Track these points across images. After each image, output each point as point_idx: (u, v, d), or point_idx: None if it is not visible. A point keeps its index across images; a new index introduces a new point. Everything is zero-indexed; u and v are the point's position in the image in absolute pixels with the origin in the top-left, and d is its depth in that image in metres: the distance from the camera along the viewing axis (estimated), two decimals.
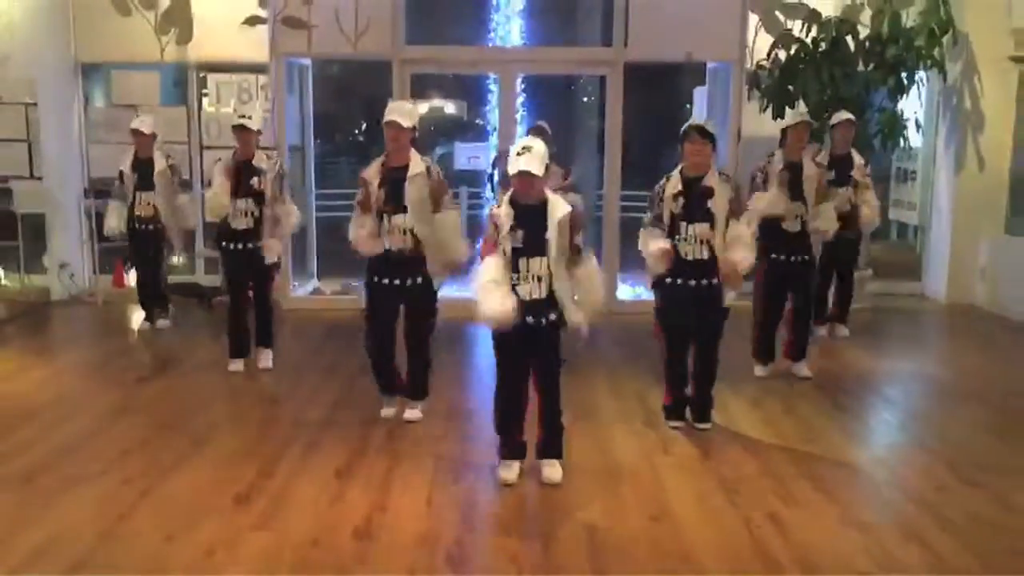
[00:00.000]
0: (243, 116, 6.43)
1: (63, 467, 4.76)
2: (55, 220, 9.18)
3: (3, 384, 6.32)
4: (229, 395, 6.17)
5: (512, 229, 4.40)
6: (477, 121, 19.57)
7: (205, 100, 9.45)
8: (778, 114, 8.70)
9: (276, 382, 6.44)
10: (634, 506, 4.38)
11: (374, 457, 4.93)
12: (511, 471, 4.62)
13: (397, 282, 5.30)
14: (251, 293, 6.64)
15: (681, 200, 5.19)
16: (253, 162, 6.42)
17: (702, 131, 5.18)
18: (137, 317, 8.15)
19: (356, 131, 27.56)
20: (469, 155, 9.55)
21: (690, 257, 5.20)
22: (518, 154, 4.35)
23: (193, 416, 5.64)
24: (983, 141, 9.14)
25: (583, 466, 4.83)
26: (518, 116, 9.15)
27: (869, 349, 7.52)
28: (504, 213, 4.45)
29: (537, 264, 4.42)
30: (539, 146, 4.41)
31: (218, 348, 6.94)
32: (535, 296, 4.44)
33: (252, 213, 6.42)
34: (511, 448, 4.67)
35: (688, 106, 12.27)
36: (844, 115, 7.56)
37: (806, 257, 6.46)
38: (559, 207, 4.44)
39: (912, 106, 9.24)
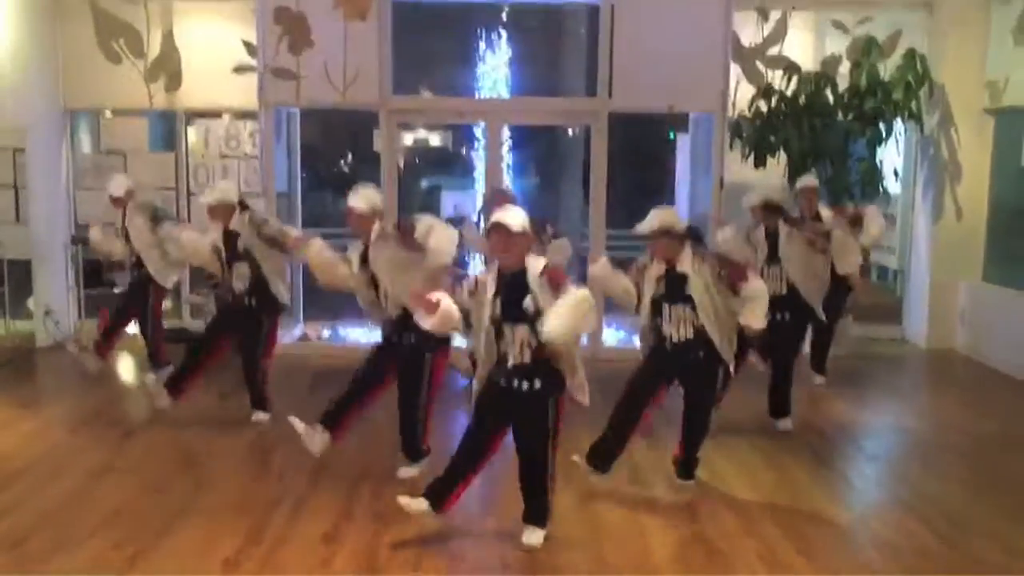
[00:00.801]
0: (211, 191, 6.59)
1: (52, 529, 4.78)
2: (41, 266, 9.20)
3: None
4: (215, 451, 6.16)
5: (493, 297, 4.46)
6: (462, 151, 19.66)
7: (191, 135, 9.54)
8: (760, 162, 8.89)
9: (262, 436, 6.45)
10: (618, 566, 4.45)
11: (361, 520, 4.95)
12: (419, 504, 4.61)
13: (393, 340, 5.46)
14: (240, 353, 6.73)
15: (662, 284, 5.27)
16: (231, 227, 6.52)
17: (667, 232, 5.17)
18: (125, 366, 8.17)
19: (341, 161, 27.61)
20: (455, 202, 9.66)
21: (674, 338, 5.25)
22: (495, 215, 4.46)
23: (180, 475, 5.67)
24: (960, 190, 9.32)
25: (568, 524, 4.88)
26: (504, 164, 9.25)
27: (850, 399, 7.61)
28: (488, 279, 4.50)
29: (523, 331, 4.45)
30: (518, 211, 4.50)
31: (204, 398, 6.97)
32: (520, 361, 4.48)
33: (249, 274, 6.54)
34: (434, 488, 4.67)
35: (672, 136, 12.42)
36: (808, 181, 7.70)
37: (787, 315, 6.55)
38: (535, 266, 4.46)
39: (890, 155, 9.43)
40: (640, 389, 5.41)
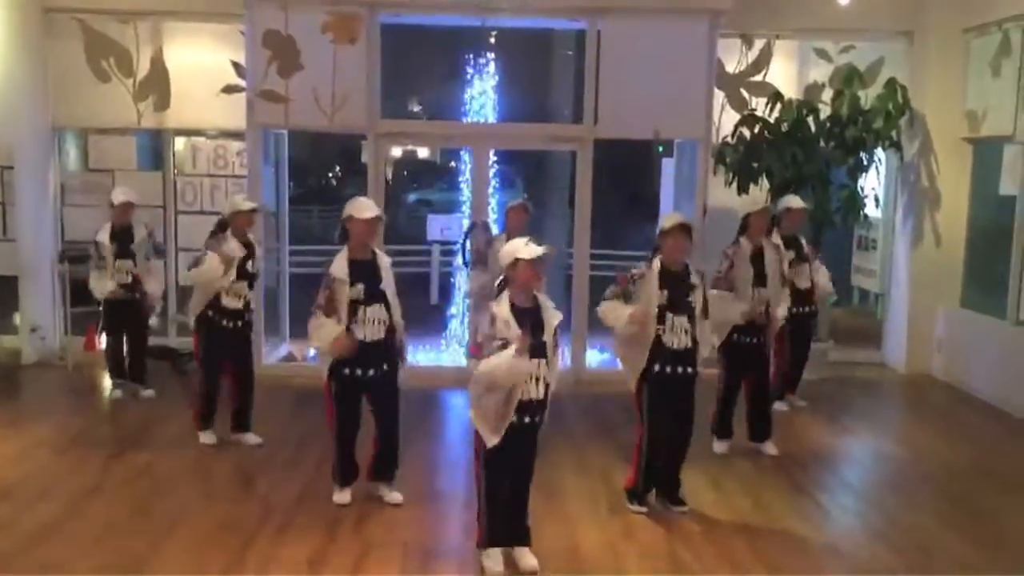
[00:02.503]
0: (248, 199, 6.89)
1: (38, 553, 4.84)
2: (28, 282, 9.23)
3: None
4: (200, 473, 6.23)
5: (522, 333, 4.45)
6: (450, 163, 19.67)
7: (179, 154, 9.63)
8: (743, 188, 9.00)
9: (247, 458, 6.51)
10: None
11: (345, 544, 5.04)
12: (497, 560, 4.72)
13: (370, 372, 5.43)
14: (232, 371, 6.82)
15: (666, 292, 5.40)
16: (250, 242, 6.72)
17: (687, 229, 5.38)
18: (108, 384, 8.20)
19: (329, 174, 27.64)
20: (441, 226, 9.77)
21: (675, 346, 5.42)
22: (527, 243, 4.52)
23: (165, 497, 5.72)
24: (939, 217, 9.44)
25: (549, 555, 4.92)
26: (490, 188, 9.33)
27: (829, 424, 7.72)
28: (505, 314, 4.50)
29: (536, 365, 4.52)
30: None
31: (188, 418, 6.99)
32: (533, 396, 4.57)
33: (244, 296, 6.69)
34: (497, 535, 4.74)
35: (660, 150, 12.44)
36: (796, 202, 7.73)
37: (760, 339, 6.69)
38: (553, 313, 4.64)
39: (871, 181, 9.56)
40: (662, 436, 5.60)
